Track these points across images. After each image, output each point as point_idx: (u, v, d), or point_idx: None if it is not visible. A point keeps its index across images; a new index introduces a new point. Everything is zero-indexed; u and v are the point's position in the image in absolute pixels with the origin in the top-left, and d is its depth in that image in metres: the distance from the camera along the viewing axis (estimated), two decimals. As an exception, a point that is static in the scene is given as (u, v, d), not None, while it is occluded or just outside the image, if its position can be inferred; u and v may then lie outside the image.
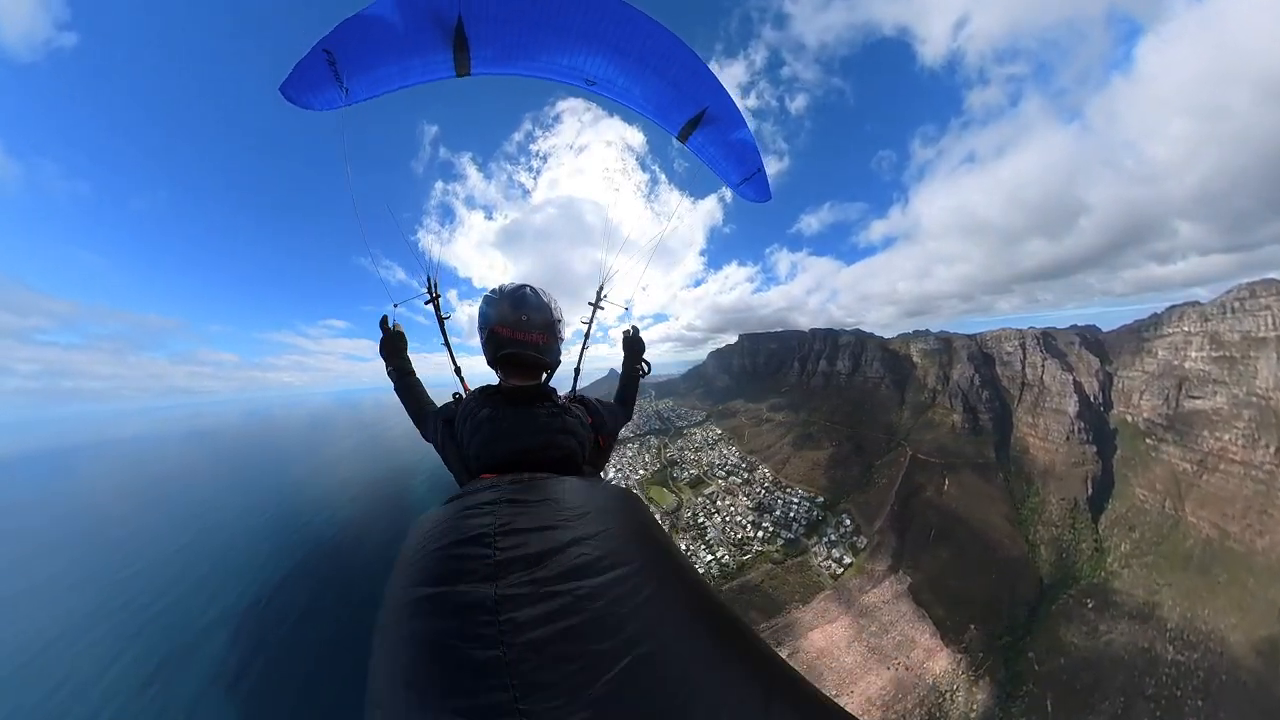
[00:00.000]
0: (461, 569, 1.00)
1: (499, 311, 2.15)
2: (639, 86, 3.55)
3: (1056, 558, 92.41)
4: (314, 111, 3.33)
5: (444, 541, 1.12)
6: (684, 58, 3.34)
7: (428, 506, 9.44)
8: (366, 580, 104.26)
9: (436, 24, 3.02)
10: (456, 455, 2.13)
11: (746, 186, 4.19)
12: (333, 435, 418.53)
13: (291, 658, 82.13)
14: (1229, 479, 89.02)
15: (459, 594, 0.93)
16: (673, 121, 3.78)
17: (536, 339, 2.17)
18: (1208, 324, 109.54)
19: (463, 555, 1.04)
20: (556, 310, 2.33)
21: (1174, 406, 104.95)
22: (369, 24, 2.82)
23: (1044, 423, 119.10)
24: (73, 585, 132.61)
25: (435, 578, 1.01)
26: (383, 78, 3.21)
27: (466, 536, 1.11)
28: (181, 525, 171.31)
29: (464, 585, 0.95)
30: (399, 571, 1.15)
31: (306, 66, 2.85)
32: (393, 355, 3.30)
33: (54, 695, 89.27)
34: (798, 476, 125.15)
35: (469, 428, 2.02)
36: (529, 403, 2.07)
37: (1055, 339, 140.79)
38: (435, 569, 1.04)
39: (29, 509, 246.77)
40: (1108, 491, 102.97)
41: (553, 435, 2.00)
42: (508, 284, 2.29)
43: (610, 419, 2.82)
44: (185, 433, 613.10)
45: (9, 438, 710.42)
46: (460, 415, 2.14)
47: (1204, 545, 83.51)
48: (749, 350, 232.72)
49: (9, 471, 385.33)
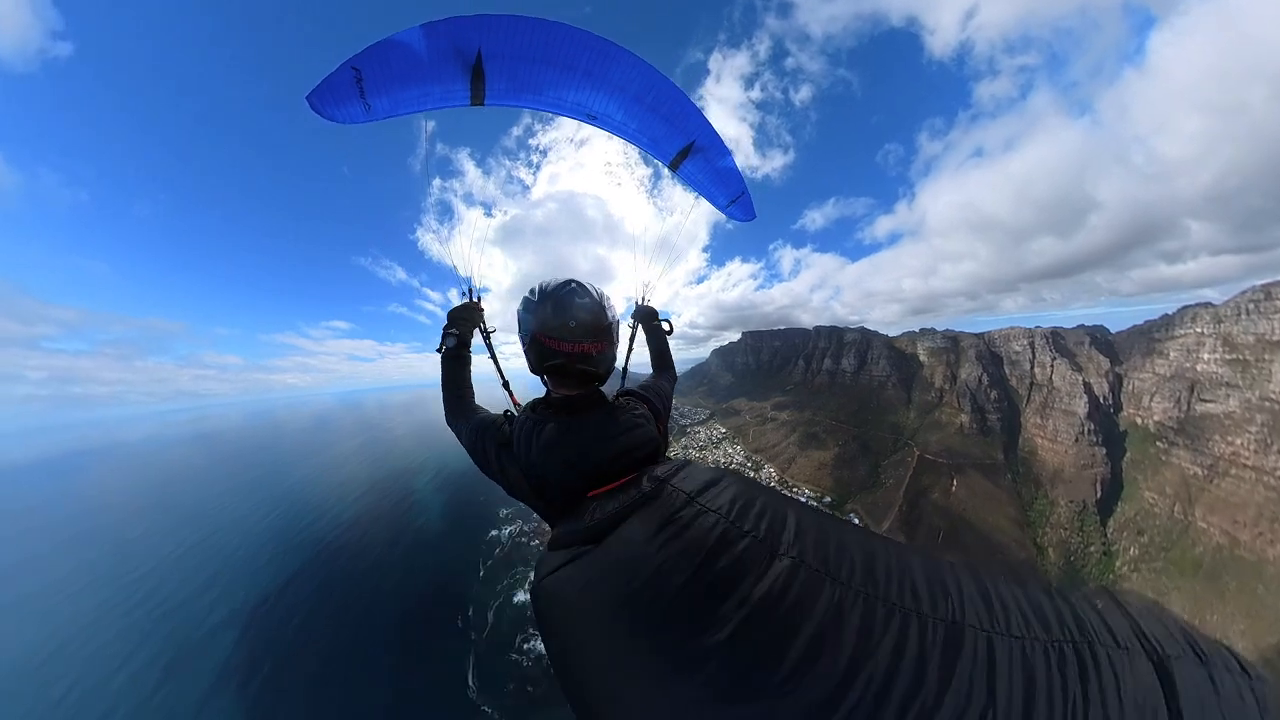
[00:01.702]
0: (744, 570, 0.86)
1: (540, 318, 1.80)
2: (635, 121, 3.93)
3: (1064, 561, 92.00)
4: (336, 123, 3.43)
5: (688, 572, 0.89)
6: (675, 96, 3.74)
7: (431, 503, 9.06)
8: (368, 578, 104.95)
9: (458, 56, 3.22)
10: (529, 479, 1.80)
11: (734, 208, 4.57)
12: (337, 436, 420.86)
13: (298, 657, 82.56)
14: (1240, 485, 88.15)
15: (764, 585, 0.82)
16: (665, 153, 4.15)
17: (588, 349, 1.81)
18: (1221, 325, 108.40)
19: (730, 563, 0.88)
20: (610, 311, 1.92)
21: (1185, 409, 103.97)
22: (397, 49, 2.99)
23: (1053, 424, 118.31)
24: (85, 586, 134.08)
25: (720, 601, 0.81)
26: (403, 100, 3.38)
27: (711, 546, 0.93)
28: (190, 526, 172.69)
29: (764, 577, 0.83)
30: (619, 638, 0.89)
31: (335, 81, 3.00)
32: (459, 321, 2.93)
33: (69, 695, 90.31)
34: (804, 476, 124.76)
35: (537, 449, 1.73)
36: (591, 407, 1.84)
37: (1064, 338, 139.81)
38: (710, 600, 0.82)
39: (42, 512, 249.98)
40: (1116, 495, 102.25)
41: (634, 431, 1.79)
42: (550, 282, 1.90)
43: (661, 399, 2.55)
44: (192, 435, 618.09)
45: (22, 444, 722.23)
46: (519, 436, 1.84)
47: (1214, 552, 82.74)
48: (752, 348, 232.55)
49: (22, 476, 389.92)
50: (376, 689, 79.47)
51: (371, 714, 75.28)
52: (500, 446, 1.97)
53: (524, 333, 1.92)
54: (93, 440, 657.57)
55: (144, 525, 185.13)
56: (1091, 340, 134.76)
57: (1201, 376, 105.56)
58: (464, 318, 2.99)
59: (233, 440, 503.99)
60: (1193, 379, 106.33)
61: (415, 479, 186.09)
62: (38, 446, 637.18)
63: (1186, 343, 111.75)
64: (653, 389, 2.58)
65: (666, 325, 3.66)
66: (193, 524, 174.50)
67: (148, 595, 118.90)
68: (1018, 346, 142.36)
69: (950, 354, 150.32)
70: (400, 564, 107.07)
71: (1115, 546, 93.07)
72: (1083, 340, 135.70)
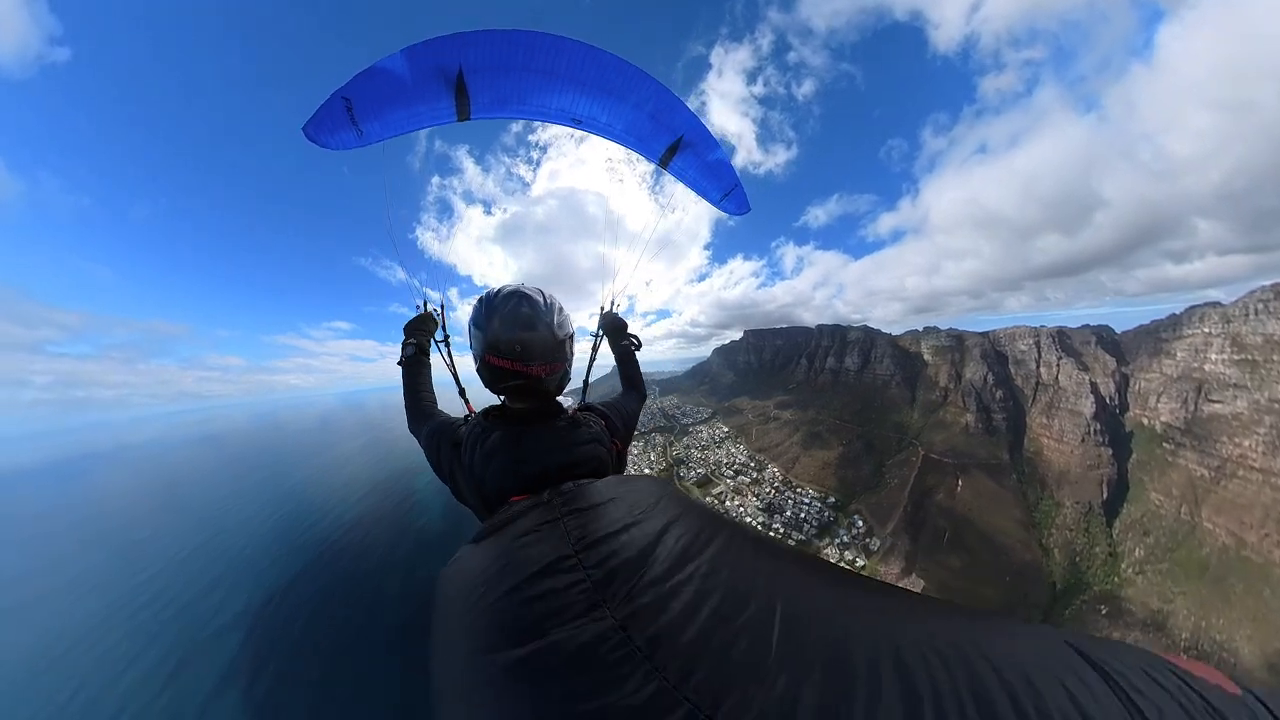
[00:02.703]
0: (553, 607, 0.78)
1: (491, 337, 1.69)
2: (620, 122, 3.96)
3: (1069, 562, 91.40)
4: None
5: (512, 582, 0.88)
6: (659, 93, 3.74)
7: (432, 504, 8.89)
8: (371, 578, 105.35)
9: (440, 76, 3.34)
10: (468, 483, 1.78)
11: (727, 202, 4.52)
12: (340, 436, 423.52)
13: (303, 659, 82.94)
14: (1248, 486, 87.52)
15: (568, 639, 0.70)
16: (653, 150, 4.14)
17: (538, 371, 1.72)
18: (1229, 326, 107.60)
19: (546, 592, 0.83)
20: (562, 328, 1.81)
21: (1192, 410, 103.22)
22: (382, 75, 3.17)
23: (1059, 424, 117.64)
24: (94, 589, 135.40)
25: (521, 632, 0.75)
26: (393, 122, 3.55)
27: (541, 567, 0.89)
28: (196, 527, 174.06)
29: (568, 626, 0.73)
30: (453, 633, 0.90)
31: (326, 112, 3.19)
32: (415, 331, 3.04)
33: (77, 696, 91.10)
34: (808, 476, 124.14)
35: (480, 454, 1.69)
36: (542, 420, 1.80)
37: (1070, 337, 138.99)
38: (516, 621, 0.79)
39: (51, 516, 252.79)
40: (1122, 496, 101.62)
41: (580, 448, 1.74)
42: (498, 292, 1.77)
43: (623, 419, 2.45)
44: (197, 437, 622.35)
45: (29, 447, 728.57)
46: (468, 441, 1.79)
47: (1220, 554, 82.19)
48: (754, 347, 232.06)
49: (31, 480, 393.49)
50: (381, 690, 79.78)
51: (376, 715, 75.52)
52: (453, 447, 1.93)
53: (475, 351, 1.82)
54: (99, 443, 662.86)
55: (151, 527, 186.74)
56: (1098, 340, 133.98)
57: (1209, 377, 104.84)
58: (419, 327, 3.11)
59: (237, 441, 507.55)
60: (1200, 379, 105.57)
61: (416, 479, 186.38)
62: (45, 450, 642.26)
63: (1194, 343, 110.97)
64: (616, 407, 2.46)
65: (635, 342, 3.44)
66: (199, 525, 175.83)
67: (155, 596, 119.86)
68: (1023, 345, 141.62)
69: (955, 353, 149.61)
70: (402, 565, 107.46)
71: (1121, 548, 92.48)
72: (1089, 340, 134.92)
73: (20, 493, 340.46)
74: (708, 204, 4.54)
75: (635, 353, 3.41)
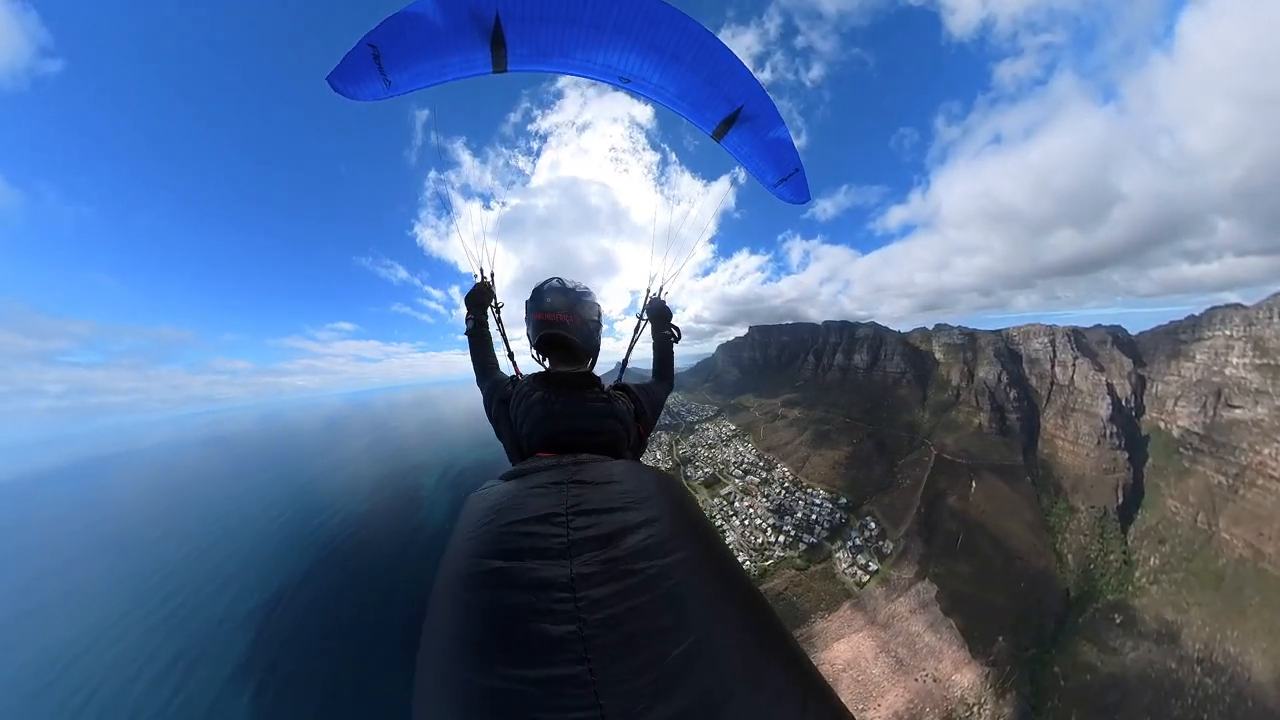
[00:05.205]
0: (534, 545, 1.03)
1: (533, 303, 2.44)
2: (674, 84, 3.60)
3: (1083, 569, 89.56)
4: (360, 102, 3.52)
5: (514, 518, 1.15)
6: (720, 54, 3.34)
7: (438, 502, 8.53)
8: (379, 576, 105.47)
9: (475, 22, 3.06)
10: (509, 433, 2.32)
11: (784, 187, 4.18)
12: (346, 436, 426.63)
13: (312, 658, 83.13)
14: (1267, 495, 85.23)
15: (533, 569, 0.96)
16: (707, 120, 3.78)
17: (562, 319, 2.36)
18: (1252, 329, 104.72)
19: (534, 533, 1.08)
20: (579, 289, 2.49)
21: (1211, 415, 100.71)
22: (412, 21, 2.94)
23: (1074, 425, 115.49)
24: (109, 590, 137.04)
25: (506, 552, 1.03)
26: (423, 73, 3.33)
27: (537, 515, 1.15)
28: (207, 527, 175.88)
29: (538, 561, 0.98)
30: (461, 542, 1.17)
31: (353, 59, 2.99)
32: (475, 303, 3.55)
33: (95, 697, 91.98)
34: (818, 476, 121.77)
35: (522, 409, 2.19)
36: (577, 388, 2.26)
37: (1085, 337, 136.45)
38: (506, 543, 1.07)
39: (67, 519, 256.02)
40: (1138, 501, 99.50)
41: (602, 419, 2.18)
42: (546, 280, 2.54)
43: (652, 401, 2.91)
44: (206, 439, 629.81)
45: (44, 453, 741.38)
46: (515, 396, 2.33)
47: (1236, 564, 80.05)
48: (759, 343, 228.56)
49: (47, 484, 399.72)
50: (390, 688, 79.70)
51: (385, 714, 75.46)
52: (501, 402, 2.49)
53: (526, 320, 2.53)
54: (112, 447, 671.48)
55: (163, 528, 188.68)
56: (1113, 340, 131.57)
57: (1229, 381, 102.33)
58: (478, 298, 3.58)
59: (247, 443, 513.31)
60: (1220, 384, 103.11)
61: (423, 476, 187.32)
62: (60, 454, 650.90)
63: (1214, 346, 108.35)
64: (646, 390, 2.93)
65: (675, 333, 3.74)
66: (210, 526, 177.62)
67: (168, 596, 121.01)
68: (1037, 344, 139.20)
69: (967, 351, 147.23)
70: (412, 563, 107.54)
71: (1135, 556, 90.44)
72: (1104, 340, 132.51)
73: (38, 497, 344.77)
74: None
75: (674, 344, 3.72)
